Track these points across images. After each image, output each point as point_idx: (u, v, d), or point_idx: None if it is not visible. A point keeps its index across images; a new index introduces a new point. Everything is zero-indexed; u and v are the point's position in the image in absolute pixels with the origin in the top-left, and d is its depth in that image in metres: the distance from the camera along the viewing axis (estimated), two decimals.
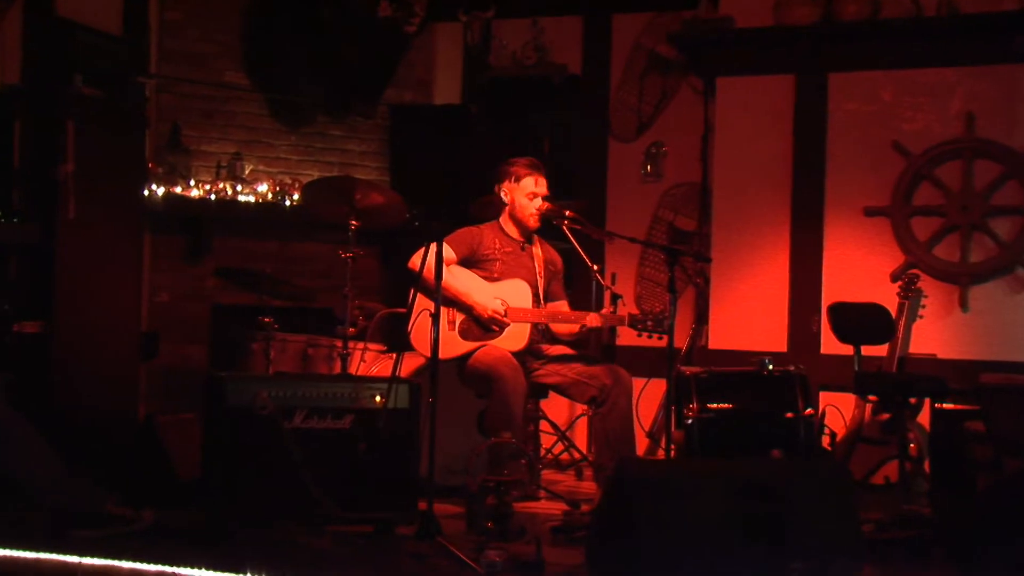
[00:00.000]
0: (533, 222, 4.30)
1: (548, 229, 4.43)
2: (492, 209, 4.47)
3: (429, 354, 3.63)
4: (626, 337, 5.10)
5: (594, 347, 5.14)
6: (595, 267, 4.45)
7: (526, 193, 4.28)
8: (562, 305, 4.39)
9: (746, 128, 5.33)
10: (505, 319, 4.13)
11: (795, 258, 5.24)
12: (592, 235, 4.57)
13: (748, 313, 5.28)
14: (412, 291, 4.07)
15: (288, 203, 5.54)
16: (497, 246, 4.28)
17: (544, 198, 4.29)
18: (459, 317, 4.18)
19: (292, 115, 5.77)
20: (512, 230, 4.35)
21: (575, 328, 4.22)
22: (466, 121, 5.92)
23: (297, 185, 5.56)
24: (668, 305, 3.78)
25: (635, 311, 4.22)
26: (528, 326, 4.17)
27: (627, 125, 5.84)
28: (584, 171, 5.84)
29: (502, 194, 4.34)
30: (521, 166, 4.32)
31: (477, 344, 4.13)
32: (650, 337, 4.10)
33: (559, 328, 4.30)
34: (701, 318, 5.42)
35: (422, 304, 3.96)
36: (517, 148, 4.71)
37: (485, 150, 5.61)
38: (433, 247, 3.59)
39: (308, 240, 5.61)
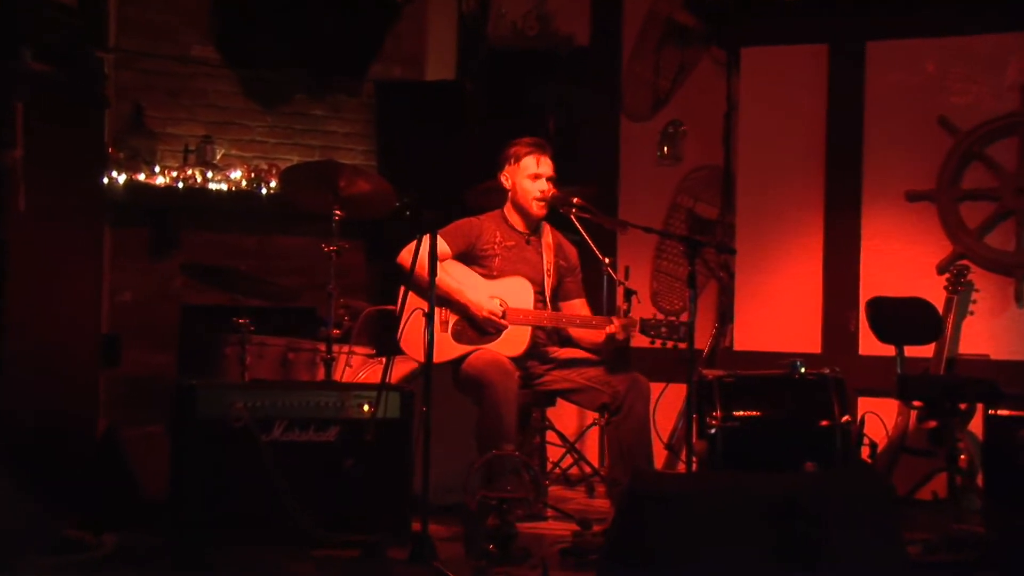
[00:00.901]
0: (537, 208, 4.29)
1: (557, 219, 4.43)
2: (492, 198, 4.46)
3: (422, 358, 3.64)
4: (641, 336, 5.11)
5: (606, 348, 5.14)
6: (606, 260, 4.45)
7: (527, 175, 4.28)
8: (578, 306, 4.38)
9: (774, 104, 5.33)
10: (502, 321, 4.13)
11: (829, 248, 5.24)
12: (603, 224, 4.57)
13: (777, 310, 5.29)
14: (402, 289, 4.06)
15: (264, 191, 5.54)
16: (498, 240, 4.28)
17: (549, 181, 4.29)
18: (452, 318, 4.18)
19: (268, 93, 5.76)
20: (516, 220, 4.35)
21: (597, 335, 4.17)
22: (461, 99, 5.90)
23: (274, 171, 5.57)
24: (688, 302, 3.78)
25: (651, 309, 4.22)
26: (528, 329, 4.17)
27: (641, 102, 5.84)
28: (594, 154, 5.84)
29: (504, 180, 4.35)
30: (521, 145, 4.32)
31: (471, 348, 4.13)
32: (663, 345, 4.08)
33: (580, 335, 4.30)
34: (725, 316, 5.43)
35: (413, 303, 3.96)
36: (518, 129, 4.71)
37: (483, 131, 5.61)
38: (426, 240, 3.59)
39: (287, 232, 5.61)
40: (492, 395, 3.95)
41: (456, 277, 4.18)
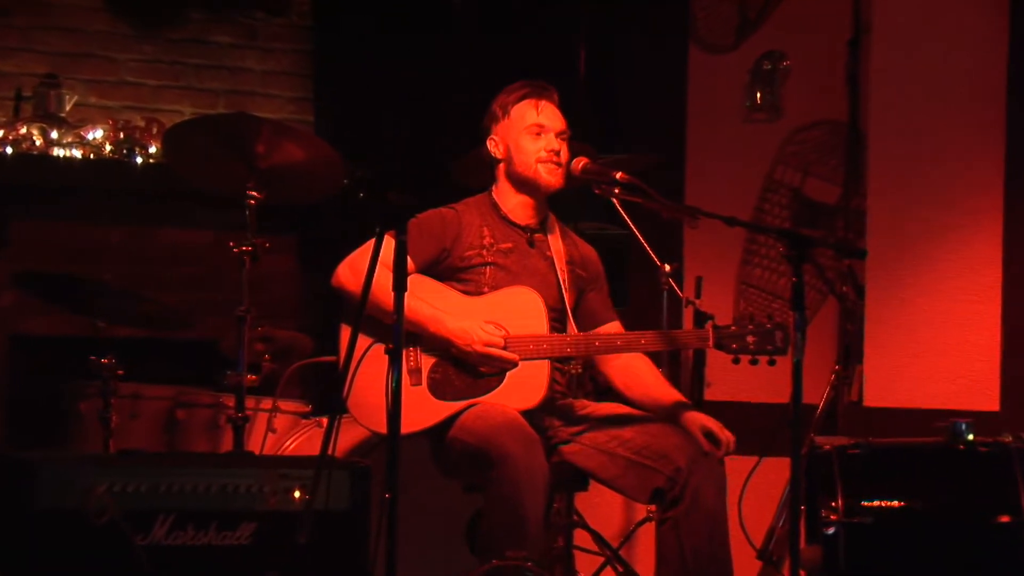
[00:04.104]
0: (547, 175, 4.25)
1: (580, 206, 4.44)
2: (484, 174, 4.48)
3: (380, 427, 3.65)
4: (720, 387, 5.14)
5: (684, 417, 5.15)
6: (666, 267, 4.41)
7: (524, 128, 4.31)
8: (612, 329, 4.41)
9: (927, 28, 5.33)
10: (506, 354, 4.16)
11: (1012, 250, 5.24)
12: (661, 213, 4.55)
13: (929, 346, 5.28)
14: (344, 326, 4.08)
15: (140, 161, 5.57)
16: (486, 241, 4.27)
17: (562, 139, 4.28)
18: (427, 362, 4.16)
19: (146, 10, 5.80)
20: (514, 208, 4.33)
21: (660, 389, 4.25)
22: (445, 21, 5.94)
23: (155, 129, 5.60)
24: (791, 330, 3.78)
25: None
26: (546, 365, 4.19)
27: (721, 24, 5.86)
28: (647, 105, 5.83)
29: (492, 148, 4.35)
30: (509, 91, 4.33)
31: (462, 404, 4.15)
32: (754, 362, 4.10)
33: (636, 391, 4.29)
34: (850, 354, 5.42)
35: (363, 347, 3.99)
36: (532, 65, 4.71)
37: (479, 70, 5.62)
38: (388, 242, 3.58)
39: (175, 224, 5.66)
40: (510, 475, 3.90)
41: (427, 299, 4.20)
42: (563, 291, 4.29)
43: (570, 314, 4.29)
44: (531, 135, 4.26)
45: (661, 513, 4.14)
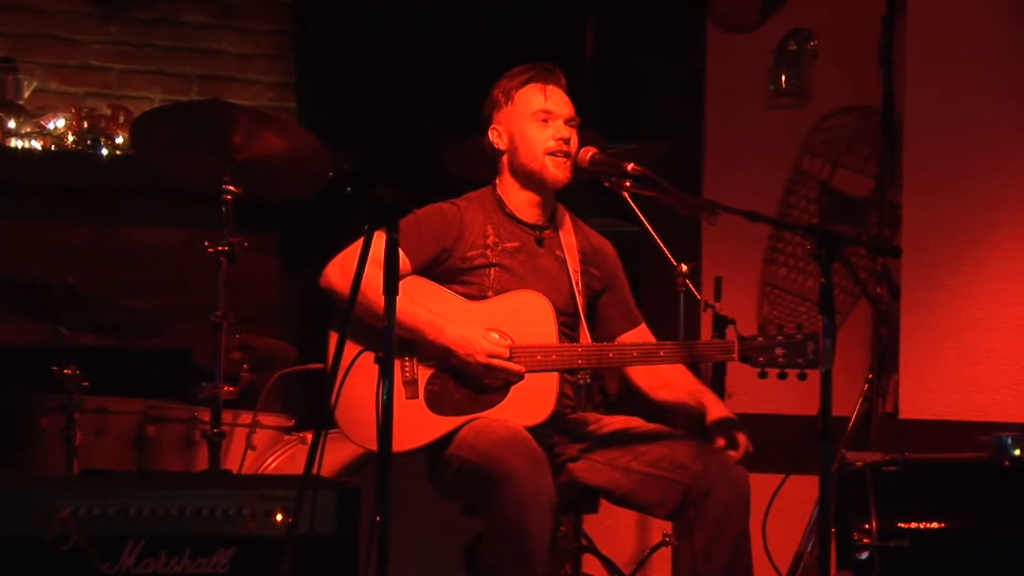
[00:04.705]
0: (554, 169, 4.27)
1: (588, 201, 4.42)
2: (483, 165, 4.46)
3: (370, 442, 3.65)
4: (742, 398, 5.12)
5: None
6: (682, 267, 4.40)
7: (529, 115, 4.30)
8: (636, 336, 4.41)
9: (968, 1, 5.34)
10: (511, 365, 4.15)
11: None
12: (677, 208, 4.55)
13: (971, 352, 5.28)
14: (332, 332, 4.06)
15: (106, 152, 5.57)
16: (490, 240, 4.28)
17: (571, 126, 4.27)
18: (424, 372, 4.17)
19: None
20: (519, 203, 4.34)
21: (677, 392, 4.25)
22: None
23: (122, 118, 5.60)
24: (819, 339, 3.77)
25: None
26: (554, 378, 4.17)
27: (742, 0, 5.87)
28: (661, 90, 5.84)
29: (494, 138, 4.34)
30: (512, 76, 4.33)
31: (462, 419, 4.15)
32: (782, 376, 4.08)
33: (661, 393, 4.31)
34: (884, 362, 5.42)
35: (353, 354, 3.96)
36: (537, 45, 4.71)
37: (476, 51, 5.61)
38: (379, 239, 3.57)
39: (145, 222, 5.65)
40: (513, 496, 3.89)
41: (425, 303, 4.20)
42: (576, 294, 4.28)
43: (583, 319, 4.28)
44: (537, 122, 4.26)
45: (680, 533, 4.14)
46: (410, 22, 5.90)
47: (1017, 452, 4.17)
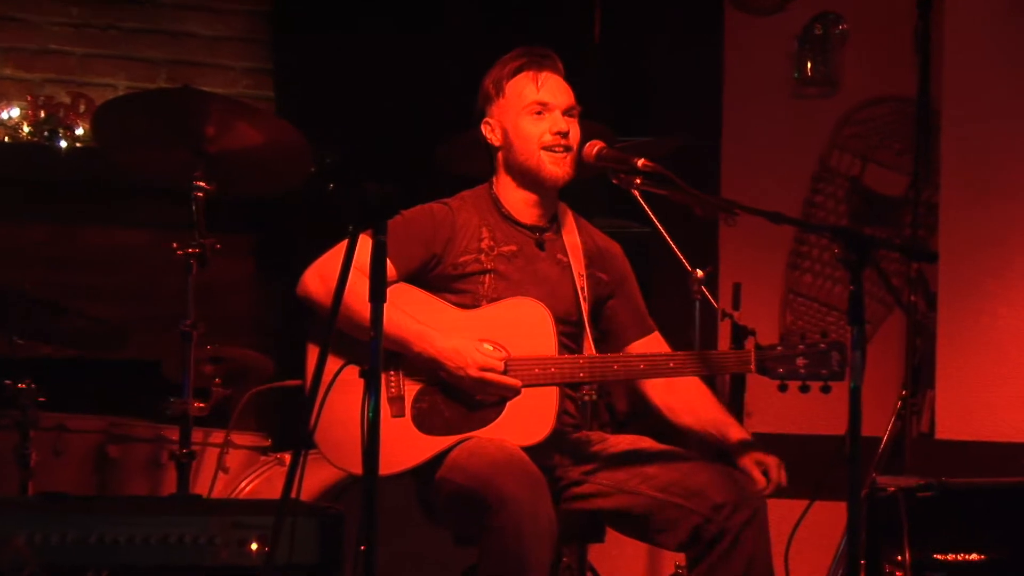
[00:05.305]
0: (551, 164, 4.26)
1: (595, 199, 4.41)
2: (476, 161, 4.47)
3: (354, 466, 3.65)
4: (762, 416, 5.11)
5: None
6: (698, 272, 4.40)
7: (522, 108, 4.29)
8: (649, 345, 4.41)
9: None
10: (506, 379, 4.15)
11: None
12: (693, 208, 4.56)
13: (1014, 367, 5.28)
14: (311, 344, 4.07)
15: (65, 144, 5.60)
16: (484, 244, 4.29)
17: (570, 117, 4.26)
18: (411, 388, 4.17)
19: None
20: (516, 205, 4.34)
21: (701, 418, 4.25)
22: None
23: (83, 107, 5.62)
24: (848, 349, 3.77)
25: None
26: (554, 393, 4.16)
27: None
28: (675, 79, 5.85)
29: (487, 133, 4.34)
30: (504, 63, 4.32)
31: (452, 439, 4.14)
32: (804, 389, 4.07)
33: (685, 418, 4.31)
34: (919, 377, 5.41)
35: (335, 368, 3.95)
36: (539, 31, 4.71)
37: (471, 35, 5.62)
38: (364, 243, 3.57)
39: (107, 221, 5.66)
40: (510, 523, 3.89)
41: (412, 312, 4.18)
42: (580, 301, 4.28)
43: (588, 329, 4.28)
44: (531, 115, 4.26)
45: (695, 565, 4.14)
46: (402, 2, 5.89)
47: None
